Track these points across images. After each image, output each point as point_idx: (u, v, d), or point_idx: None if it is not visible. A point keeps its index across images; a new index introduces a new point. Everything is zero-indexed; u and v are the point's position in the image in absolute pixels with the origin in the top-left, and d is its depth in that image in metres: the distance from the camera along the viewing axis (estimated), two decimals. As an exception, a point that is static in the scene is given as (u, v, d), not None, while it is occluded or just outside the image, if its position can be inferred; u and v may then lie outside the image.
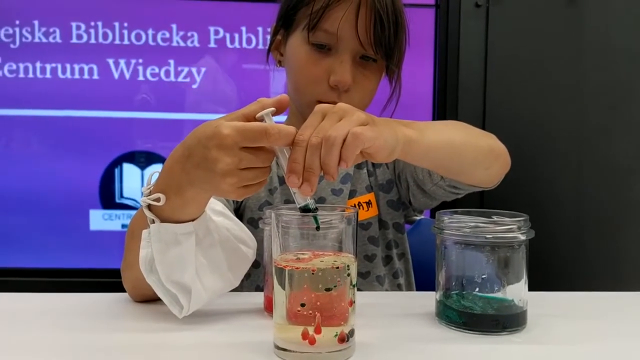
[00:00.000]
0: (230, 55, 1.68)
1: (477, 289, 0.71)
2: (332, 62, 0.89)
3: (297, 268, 0.60)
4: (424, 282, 1.10)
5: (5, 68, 1.66)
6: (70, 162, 1.70)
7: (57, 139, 1.70)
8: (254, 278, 0.99)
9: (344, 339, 0.60)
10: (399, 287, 1.04)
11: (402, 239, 1.05)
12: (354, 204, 1.00)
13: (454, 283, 0.73)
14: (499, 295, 0.71)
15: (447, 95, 1.65)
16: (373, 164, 1.03)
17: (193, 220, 0.68)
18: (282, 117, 1.05)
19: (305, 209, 0.61)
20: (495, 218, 0.74)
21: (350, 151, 0.59)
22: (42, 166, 1.69)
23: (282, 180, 1.00)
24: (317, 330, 0.59)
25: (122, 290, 0.80)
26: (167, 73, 1.68)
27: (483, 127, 1.53)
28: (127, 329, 0.70)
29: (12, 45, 1.65)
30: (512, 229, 0.70)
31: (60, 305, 0.79)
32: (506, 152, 0.85)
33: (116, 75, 1.67)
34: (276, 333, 0.62)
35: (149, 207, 0.67)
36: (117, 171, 1.71)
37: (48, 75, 1.66)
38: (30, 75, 1.66)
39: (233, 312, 0.76)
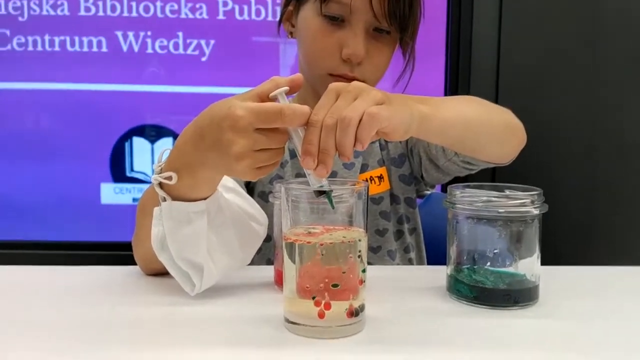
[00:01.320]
0: (240, 28, 1.65)
1: (489, 264, 0.70)
2: (345, 35, 0.88)
3: (307, 242, 0.59)
4: (435, 257, 1.10)
5: (14, 41, 1.65)
6: (80, 136, 1.69)
7: (67, 113, 1.69)
8: (265, 252, 0.99)
9: (354, 313, 0.60)
10: (410, 262, 1.04)
11: (414, 213, 1.04)
12: (366, 178, 0.99)
13: (465, 257, 0.72)
14: (510, 269, 0.70)
15: (459, 68, 1.62)
16: (385, 138, 1.01)
17: (205, 198, 0.68)
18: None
19: (320, 191, 0.60)
20: (507, 192, 0.73)
21: (366, 132, 0.58)
22: (52, 141, 1.70)
23: (292, 154, 0.99)
24: (327, 306, 0.59)
25: (134, 263, 0.81)
26: (176, 45, 1.66)
27: (496, 102, 1.50)
28: (138, 302, 0.70)
29: (20, 18, 1.64)
30: (525, 203, 0.68)
31: (70, 278, 0.79)
32: (522, 127, 0.84)
33: (125, 48, 1.65)
34: (286, 306, 0.62)
35: (160, 184, 0.67)
36: (127, 145, 1.71)
37: (57, 48, 1.65)
38: (39, 48, 1.65)
39: (243, 286, 0.76)
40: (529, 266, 0.70)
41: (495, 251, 0.69)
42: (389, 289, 0.76)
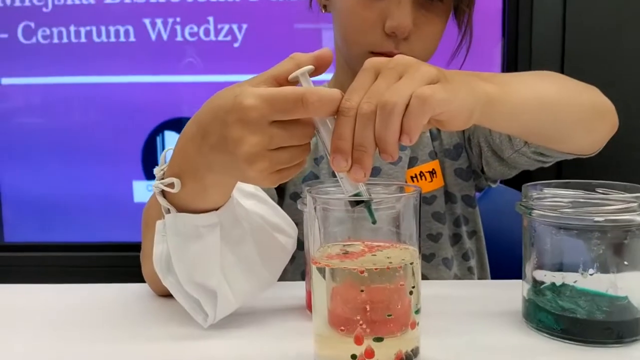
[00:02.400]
0: (274, 10, 1.52)
1: (580, 285, 0.54)
2: (388, 4, 0.73)
3: (343, 268, 0.45)
4: (497, 264, 0.94)
5: (39, 34, 1.57)
6: (109, 132, 1.61)
7: (95, 108, 1.60)
8: (300, 261, 0.85)
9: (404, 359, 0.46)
10: (469, 271, 0.88)
11: (473, 213, 0.88)
12: (415, 174, 0.84)
13: (547, 277, 0.56)
14: (609, 293, 0.54)
15: (518, 41, 1.42)
16: (437, 126, 0.86)
17: (217, 208, 0.55)
18: (328, 75, 0.89)
19: (356, 200, 0.46)
20: (600, 191, 0.57)
21: (415, 120, 0.44)
22: (80, 137, 1.61)
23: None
24: (369, 354, 0.45)
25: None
26: (207, 32, 1.54)
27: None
28: (145, 336, 0.58)
29: (44, 9, 1.56)
30: (630, 207, 0.52)
31: (67, 299, 0.68)
32: (613, 109, 0.67)
33: (153, 37, 1.55)
34: (316, 347, 0.49)
35: (163, 193, 0.55)
36: (159, 140, 1.62)
37: (83, 40, 1.56)
38: (65, 40, 1.56)
39: (270, 311, 0.63)
40: (635, 289, 0.53)
41: (591, 272, 0.53)
42: (447, 315, 0.61)
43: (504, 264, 1.05)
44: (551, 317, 0.55)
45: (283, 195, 0.86)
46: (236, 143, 0.46)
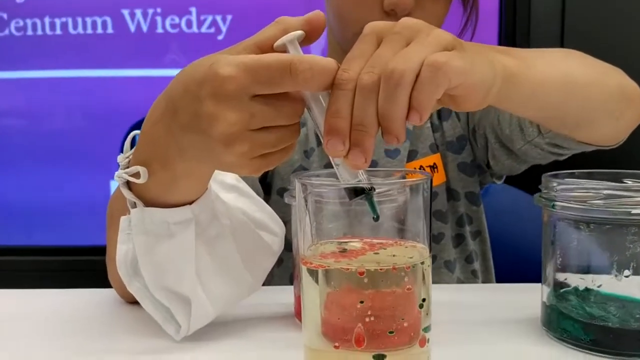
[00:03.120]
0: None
1: (611, 289, 0.47)
2: None
3: (340, 269, 0.38)
4: (501, 266, 0.87)
5: (12, 25, 1.48)
6: (84, 129, 1.52)
7: (69, 104, 1.52)
8: (288, 263, 0.78)
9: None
10: (473, 274, 0.81)
11: (477, 212, 0.81)
12: (415, 169, 0.76)
13: (571, 278, 0.49)
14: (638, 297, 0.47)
15: (516, 16, 1.35)
16: (439, 115, 0.79)
17: (191, 202, 0.48)
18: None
19: (355, 190, 0.39)
20: (629, 182, 0.50)
21: (427, 93, 0.37)
22: (54, 136, 1.53)
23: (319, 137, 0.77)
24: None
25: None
26: (189, 23, 1.46)
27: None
28: (109, 348, 0.50)
29: (17, 0, 1.48)
30: (671, 199, 0.45)
31: (29, 307, 0.60)
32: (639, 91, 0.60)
33: (132, 28, 1.47)
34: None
35: (128, 184, 0.47)
36: (137, 138, 1.53)
37: (58, 32, 1.48)
38: (39, 32, 1.48)
39: (253, 320, 0.55)
40: (674, 293, 0.46)
41: (626, 273, 0.46)
42: (456, 323, 0.53)
43: (508, 267, 0.98)
44: (578, 325, 0.47)
45: (269, 192, 0.78)
46: (211, 121, 0.38)
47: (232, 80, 0.37)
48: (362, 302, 0.38)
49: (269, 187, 0.78)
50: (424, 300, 0.39)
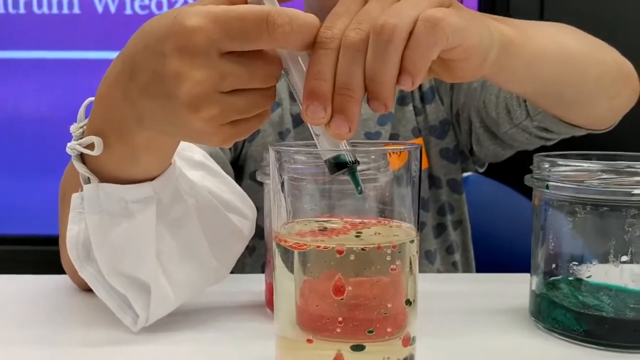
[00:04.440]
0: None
1: (606, 277, 0.44)
2: None
3: (317, 247, 0.34)
4: (480, 259, 0.84)
5: (-27, 4, 1.41)
6: (52, 113, 1.45)
7: (35, 85, 1.44)
8: (261, 251, 0.73)
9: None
10: (453, 266, 0.78)
11: (459, 201, 0.78)
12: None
13: (564, 267, 0.46)
14: (629, 287, 0.44)
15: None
16: (422, 98, 0.75)
17: (153, 178, 0.43)
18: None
19: (337, 163, 0.35)
20: (619, 164, 0.47)
21: (422, 52, 0.33)
22: (19, 117, 1.45)
23: (298, 119, 0.73)
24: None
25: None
26: (159, 5, 1.40)
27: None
28: (62, 339, 0.45)
29: (-24, -25, 1.40)
30: (671, 180, 0.42)
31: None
32: (636, 74, 0.57)
33: (100, 9, 1.40)
34: (280, 354, 0.37)
35: (82, 157, 0.42)
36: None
37: (22, 11, 1.41)
38: (2, 10, 1.40)
39: (220, 310, 0.51)
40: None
41: (623, 258, 0.43)
42: (440, 314, 0.50)
43: (486, 260, 0.96)
44: (570, 315, 0.44)
45: (241, 176, 0.74)
46: (175, 80, 0.34)
47: (199, 33, 0.33)
48: (342, 286, 0.34)
49: (241, 171, 0.74)
50: (410, 245, 0.35)
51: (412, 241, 0.35)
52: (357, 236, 0.35)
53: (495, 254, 0.95)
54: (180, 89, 0.34)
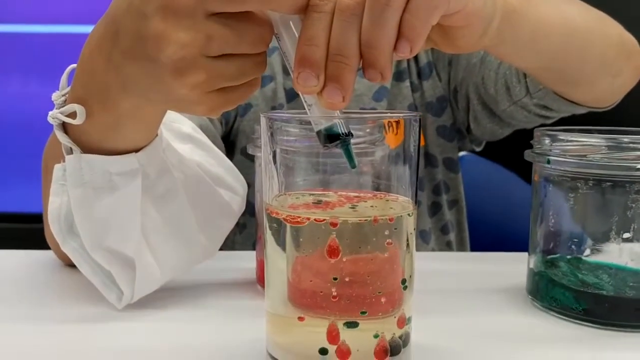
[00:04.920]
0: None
1: (607, 255, 0.43)
2: None
3: (307, 219, 0.32)
4: (475, 239, 0.83)
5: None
6: (21, 91, 1.41)
7: (7, 59, 1.40)
8: (251, 229, 0.72)
9: (388, 351, 0.33)
10: (448, 246, 0.77)
11: (455, 180, 0.77)
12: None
13: (564, 244, 0.45)
14: (629, 265, 0.43)
15: None
16: (419, 74, 0.73)
17: (138, 150, 0.41)
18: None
19: (329, 134, 0.33)
20: (623, 138, 0.46)
21: (422, 16, 0.32)
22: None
23: (292, 93, 0.71)
24: (343, 350, 0.32)
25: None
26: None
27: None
28: (45, 315, 0.44)
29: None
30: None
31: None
32: (638, 48, 0.55)
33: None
34: (271, 332, 0.35)
35: (64, 126, 0.40)
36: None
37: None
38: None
39: (208, 287, 0.49)
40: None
41: (625, 235, 0.42)
42: (436, 293, 0.49)
43: (481, 241, 0.95)
44: (569, 294, 0.43)
45: (232, 151, 0.72)
46: (158, 43, 0.32)
47: None
48: (336, 261, 0.32)
49: (232, 146, 0.72)
50: (408, 218, 0.34)
51: (410, 214, 0.34)
52: (352, 209, 0.34)
53: (490, 235, 0.94)
54: (164, 52, 0.32)
